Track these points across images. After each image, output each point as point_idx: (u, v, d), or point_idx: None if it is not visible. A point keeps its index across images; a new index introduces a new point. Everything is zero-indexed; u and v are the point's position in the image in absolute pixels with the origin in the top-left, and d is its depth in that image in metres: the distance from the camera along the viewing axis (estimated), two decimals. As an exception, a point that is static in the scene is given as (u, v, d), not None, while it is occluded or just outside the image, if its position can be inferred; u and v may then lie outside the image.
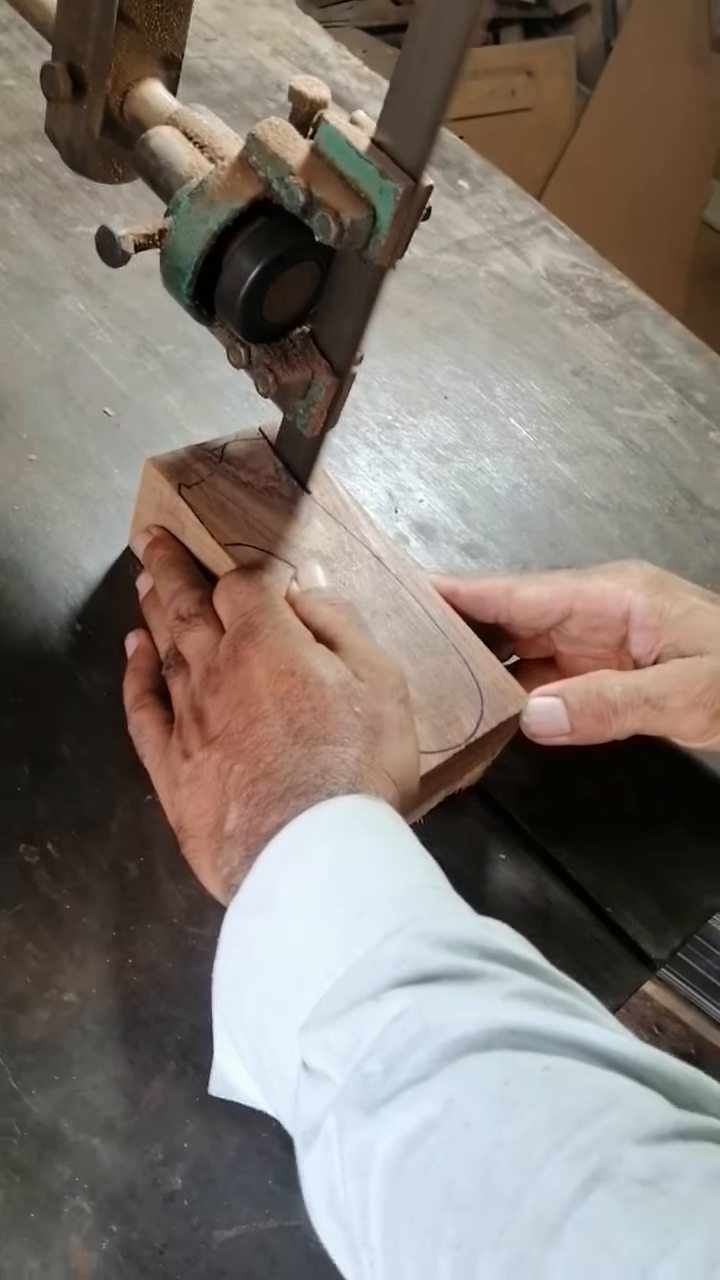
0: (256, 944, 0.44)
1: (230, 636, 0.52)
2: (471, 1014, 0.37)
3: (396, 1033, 0.37)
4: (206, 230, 0.50)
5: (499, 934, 0.42)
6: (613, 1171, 0.32)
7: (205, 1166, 0.47)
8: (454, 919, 0.42)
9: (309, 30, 1.13)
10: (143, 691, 0.57)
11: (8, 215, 0.80)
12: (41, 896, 0.52)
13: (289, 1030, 0.41)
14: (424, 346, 0.86)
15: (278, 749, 0.48)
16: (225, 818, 0.48)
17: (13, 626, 0.59)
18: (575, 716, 0.56)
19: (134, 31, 0.56)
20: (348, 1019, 0.39)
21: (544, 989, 0.39)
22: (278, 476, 0.61)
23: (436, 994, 0.38)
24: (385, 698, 0.51)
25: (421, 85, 0.45)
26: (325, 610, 0.54)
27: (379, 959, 0.40)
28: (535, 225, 1.01)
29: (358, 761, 0.48)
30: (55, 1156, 0.46)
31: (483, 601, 0.61)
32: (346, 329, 0.54)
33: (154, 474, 0.59)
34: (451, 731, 0.55)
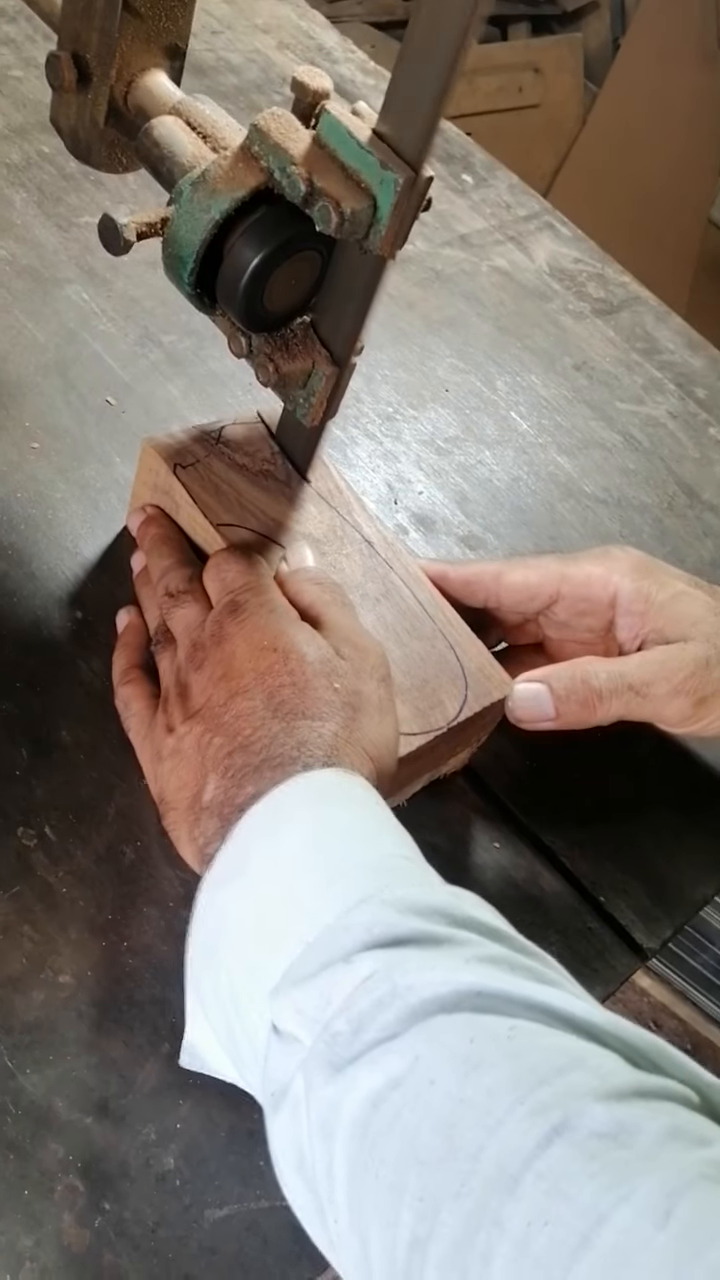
0: (229, 913, 0.44)
1: (216, 613, 0.53)
2: (438, 975, 0.38)
3: (365, 994, 0.38)
4: (208, 219, 0.51)
5: (467, 902, 0.43)
6: (573, 1125, 0.33)
7: (197, 1147, 0.48)
8: (424, 887, 0.43)
9: (315, 24, 1.14)
10: (130, 666, 0.58)
11: (13, 205, 0.80)
12: (39, 879, 0.52)
13: (260, 995, 0.42)
14: (426, 339, 0.86)
15: (256, 722, 0.48)
16: (204, 789, 0.49)
17: (13, 612, 0.60)
18: (560, 702, 0.56)
19: (138, 21, 0.57)
20: (317, 981, 0.39)
21: (510, 955, 0.40)
22: (273, 460, 0.62)
23: (405, 957, 0.39)
24: (365, 676, 0.52)
25: (422, 77, 0.46)
26: (311, 589, 0.55)
27: (350, 924, 0.40)
28: (538, 220, 1.01)
29: (335, 736, 0.48)
30: (49, 1135, 0.46)
31: (471, 586, 0.61)
32: (347, 319, 0.55)
33: (151, 454, 0.60)
34: (434, 714, 0.55)
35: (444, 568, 0.62)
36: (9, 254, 0.77)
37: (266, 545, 0.58)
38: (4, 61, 0.91)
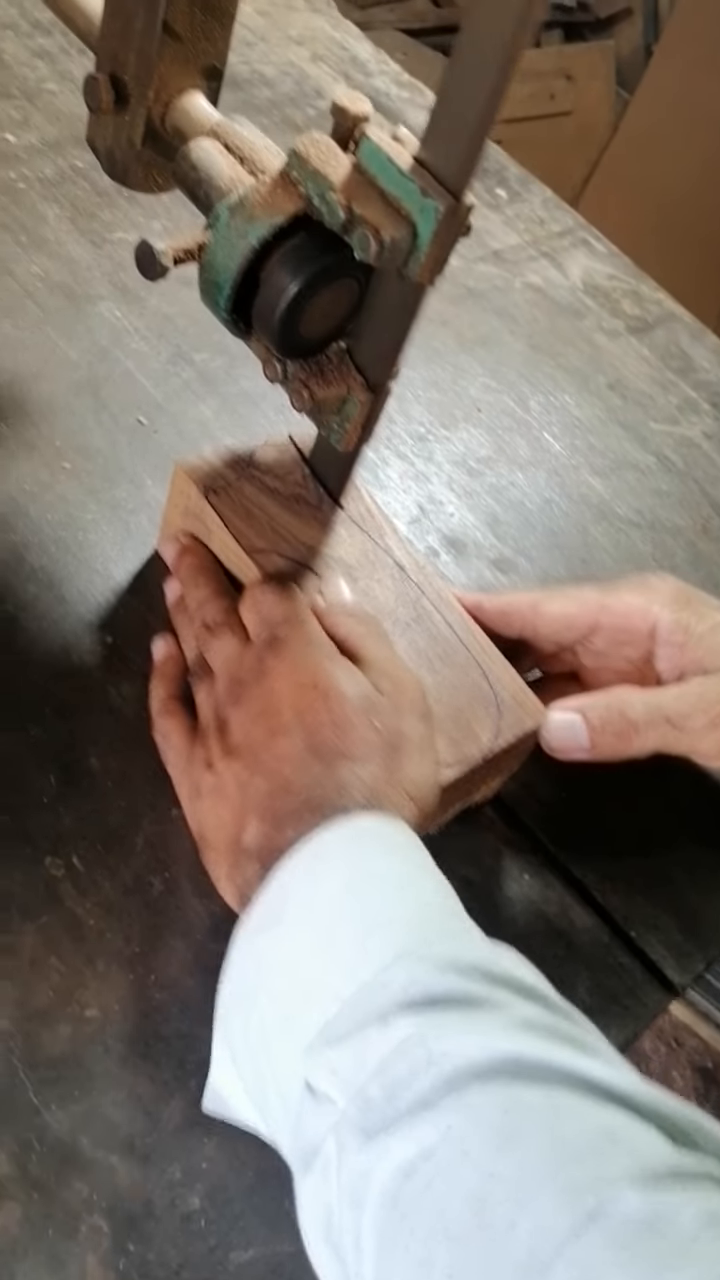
0: (265, 960, 0.44)
1: (256, 648, 0.53)
2: (475, 1040, 0.37)
3: (400, 1058, 0.37)
4: (246, 245, 0.50)
5: (506, 958, 0.42)
6: (608, 1212, 0.32)
7: (223, 1188, 0.47)
8: (462, 941, 0.42)
9: (350, 35, 1.13)
10: (168, 697, 0.57)
11: (46, 221, 0.80)
12: (66, 910, 0.52)
13: (294, 1050, 0.41)
14: (459, 358, 0.85)
15: (297, 763, 0.48)
16: (244, 831, 0.48)
17: (43, 637, 0.59)
18: (595, 733, 0.56)
19: (177, 43, 0.56)
20: (353, 1042, 0.39)
21: (548, 1018, 0.39)
22: (305, 484, 0.61)
23: (441, 1020, 0.38)
24: (405, 713, 0.51)
25: (465, 103, 0.45)
26: (348, 623, 0.55)
27: (386, 981, 0.40)
28: (573, 236, 1.00)
29: (374, 778, 0.48)
30: (74, 1173, 0.46)
31: (508, 616, 0.61)
32: (383, 345, 0.54)
33: (182, 478, 0.59)
34: (468, 745, 0.54)
35: (479, 598, 0.61)
36: (41, 270, 0.77)
37: (301, 572, 0.58)
38: (39, 75, 0.91)
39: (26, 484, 0.65)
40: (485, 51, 0.43)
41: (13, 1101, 0.46)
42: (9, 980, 0.49)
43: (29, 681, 0.57)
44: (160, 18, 0.54)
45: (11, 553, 0.62)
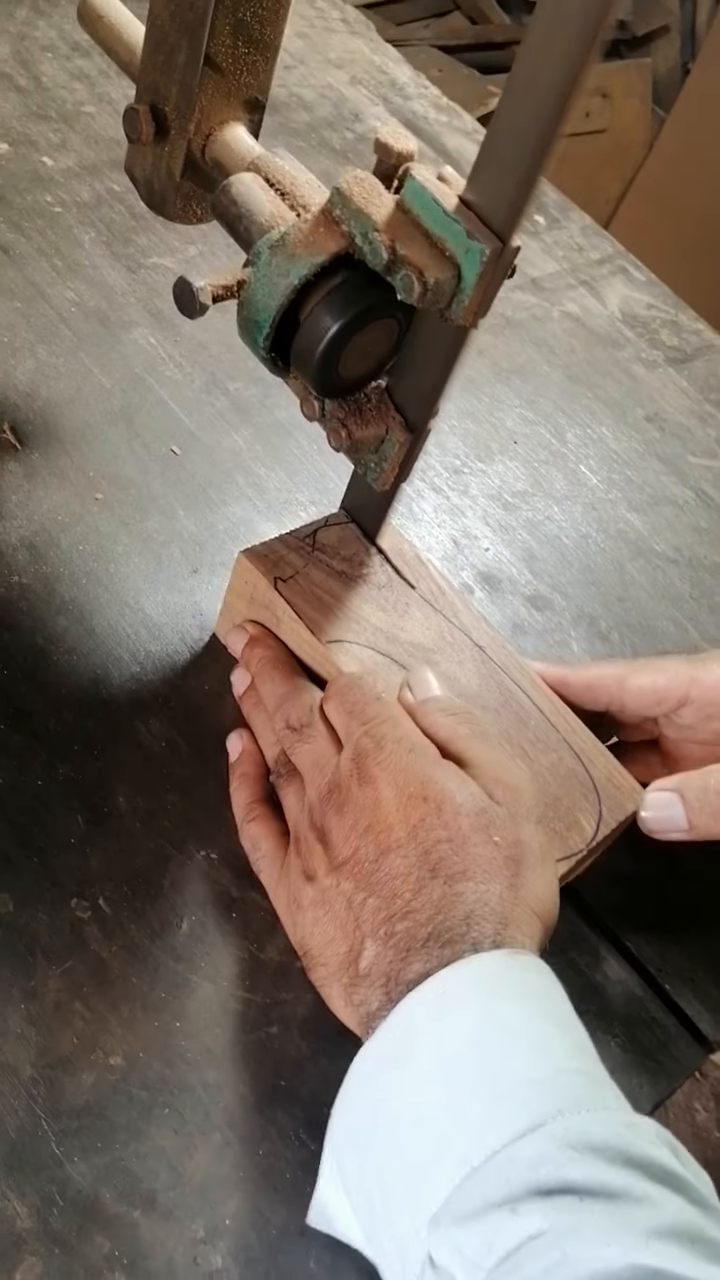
0: (386, 1104, 0.42)
1: (352, 751, 0.50)
2: (613, 1251, 0.35)
3: (531, 1257, 0.36)
4: (286, 284, 0.50)
5: (646, 1136, 0.40)
6: None
7: (247, 1246, 0.46)
8: (599, 1115, 0.40)
9: (389, 59, 1.13)
10: (254, 801, 0.55)
11: (82, 245, 0.80)
12: (92, 954, 0.51)
13: (417, 1211, 0.40)
14: (495, 388, 0.84)
15: (415, 885, 0.46)
16: (361, 954, 0.47)
17: (73, 671, 0.59)
18: (693, 814, 0.54)
19: (219, 76, 0.56)
20: (480, 1225, 0.37)
21: (693, 1223, 0.37)
22: (370, 563, 0.60)
23: (577, 1219, 0.36)
24: (522, 821, 0.49)
25: (516, 145, 0.44)
26: (447, 722, 0.52)
27: (516, 1156, 0.38)
28: (611, 264, 0.99)
29: (500, 900, 0.46)
30: (95, 1229, 0.45)
31: (594, 690, 0.59)
32: (424, 386, 0.53)
33: (247, 567, 0.58)
34: (572, 836, 0.53)
35: (564, 672, 0.59)
36: (77, 295, 0.77)
37: (382, 663, 0.56)
38: (77, 97, 0.91)
39: (59, 514, 0.64)
40: (539, 92, 0.42)
41: (35, 1153, 0.46)
42: (33, 1026, 0.48)
43: (58, 717, 0.57)
44: (203, 51, 0.54)
45: (43, 584, 0.61)
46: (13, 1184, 0.45)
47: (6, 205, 0.80)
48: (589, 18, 0.40)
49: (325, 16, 1.14)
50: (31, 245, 0.78)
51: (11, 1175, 0.45)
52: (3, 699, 0.56)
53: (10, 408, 0.68)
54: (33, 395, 0.70)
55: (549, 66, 0.41)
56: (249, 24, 0.54)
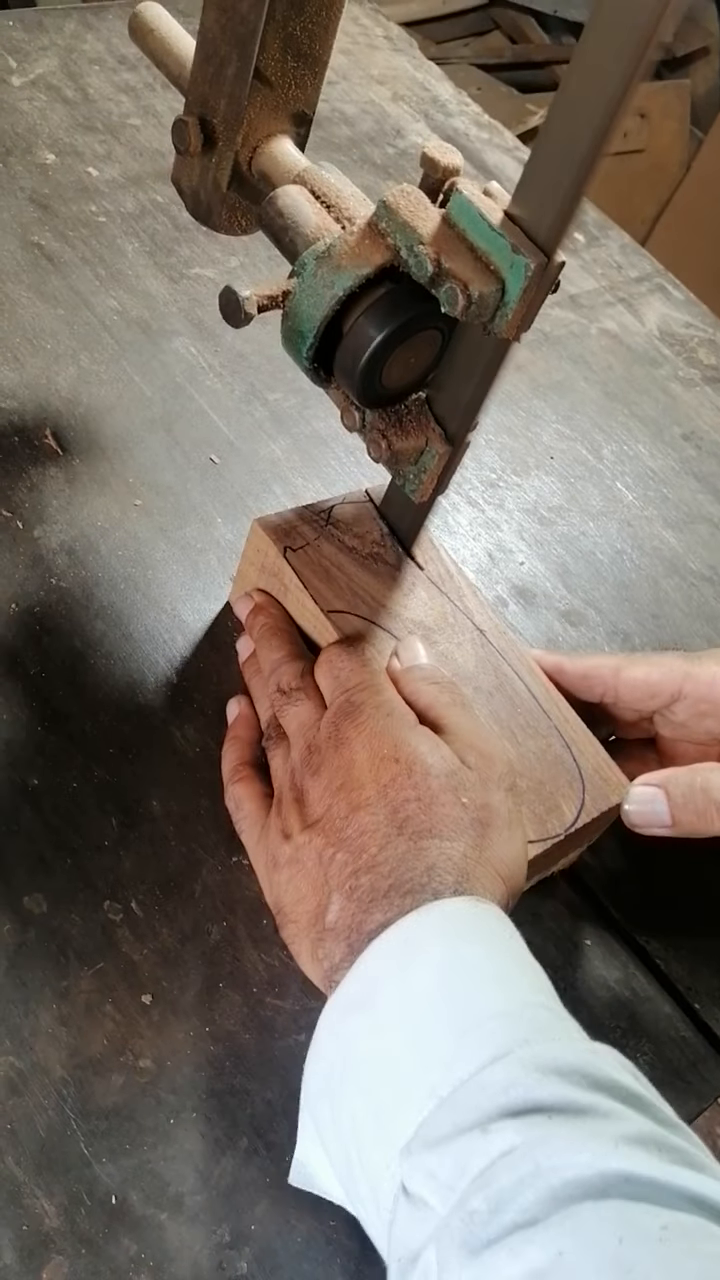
0: (356, 1048, 0.43)
1: (332, 715, 0.51)
2: (584, 1157, 0.35)
3: (505, 1170, 0.36)
4: (331, 295, 0.50)
5: (607, 1062, 0.40)
6: None
7: (272, 1252, 0.46)
8: (563, 1042, 0.41)
9: (430, 75, 1.13)
10: (241, 763, 0.56)
11: (125, 255, 0.81)
12: (123, 956, 0.51)
13: (388, 1147, 0.40)
14: (532, 403, 0.84)
15: (381, 840, 0.47)
16: (327, 908, 0.47)
17: (109, 675, 0.59)
18: (677, 810, 0.54)
19: (268, 89, 0.56)
20: (452, 1147, 0.37)
21: (658, 1133, 0.37)
22: (383, 542, 0.61)
23: (547, 1130, 0.36)
24: (493, 787, 0.50)
25: (562, 161, 0.44)
26: (428, 690, 0.53)
27: (486, 1083, 0.38)
28: (650, 282, 0.99)
29: (464, 858, 0.46)
30: (122, 1230, 0.45)
31: (589, 680, 0.59)
32: (464, 398, 0.53)
33: (260, 535, 0.59)
34: (552, 820, 0.53)
35: (560, 659, 0.60)
36: (119, 304, 0.77)
37: (378, 635, 0.57)
38: (123, 110, 0.92)
39: (99, 520, 0.65)
40: (586, 110, 0.42)
41: (64, 1152, 0.46)
42: (64, 1026, 0.49)
43: (94, 720, 0.57)
44: (253, 64, 0.54)
45: (81, 589, 0.62)
46: (42, 1183, 0.45)
47: (52, 215, 0.81)
48: (638, 38, 0.40)
49: (369, 33, 1.15)
50: (76, 254, 0.79)
51: (41, 1174, 0.45)
52: (41, 701, 0.57)
53: (53, 414, 0.69)
54: (75, 402, 0.70)
55: (597, 85, 0.42)
56: (299, 39, 0.55)
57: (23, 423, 0.68)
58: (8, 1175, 0.45)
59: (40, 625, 0.60)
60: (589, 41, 0.42)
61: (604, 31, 0.41)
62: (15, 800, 0.54)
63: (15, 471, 0.65)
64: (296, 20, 0.54)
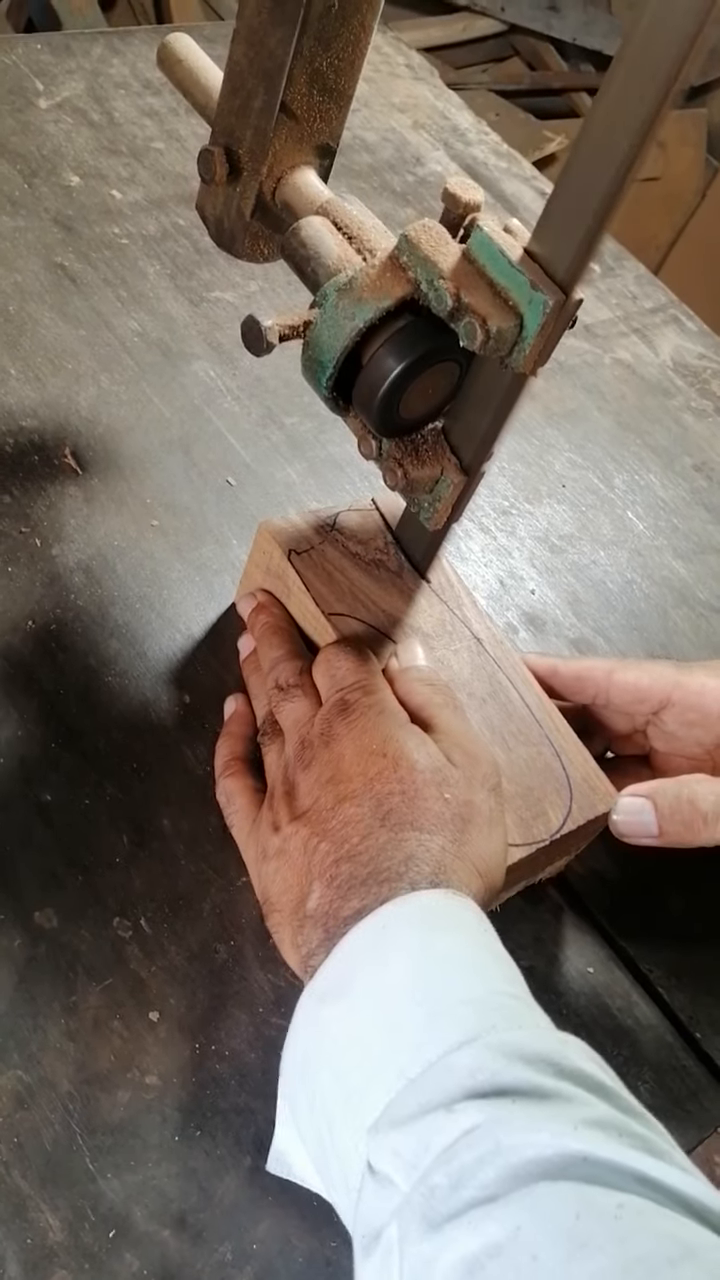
0: (329, 1033, 0.43)
1: (325, 711, 0.53)
2: (544, 1137, 0.36)
3: (466, 1148, 0.37)
4: (352, 326, 0.51)
5: (575, 1051, 0.41)
6: None
7: (273, 1272, 0.47)
8: (531, 1031, 0.42)
9: (450, 104, 1.15)
10: (233, 758, 0.57)
11: (146, 277, 0.82)
12: (131, 973, 0.52)
13: (357, 1126, 0.41)
14: (545, 432, 0.85)
15: (364, 830, 0.48)
16: (308, 895, 0.48)
17: (124, 693, 0.60)
18: (664, 820, 0.55)
19: (293, 122, 0.57)
20: (418, 1126, 0.38)
21: (620, 1119, 0.38)
22: (386, 550, 0.62)
23: (510, 1112, 0.37)
24: (477, 786, 0.51)
25: (582, 201, 0.45)
26: (422, 690, 0.55)
27: (453, 1065, 0.39)
28: (664, 313, 1.00)
29: (443, 851, 0.47)
30: (125, 1245, 0.45)
31: (582, 681, 0.61)
32: (480, 429, 0.54)
33: (266, 537, 0.60)
34: (537, 825, 0.54)
35: (554, 662, 0.61)
36: (140, 326, 0.78)
37: (376, 638, 0.58)
38: (147, 133, 0.93)
39: (115, 539, 0.66)
40: (607, 152, 0.43)
41: (69, 1167, 0.46)
42: (72, 1041, 0.49)
43: (108, 738, 0.58)
44: (279, 97, 0.55)
45: (97, 607, 0.62)
46: (47, 1197, 0.46)
47: (75, 236, 0.82)
48: (662, 84, 0.41)
49: (390, 62, 1.16)
50: (98, 275, 0.80)
51: (46, 1188, 0.46)
52: (55, 718, 0.58)
53: (72, 433, 0.70)
54: (94, 421, 0.71)
55: (619, 129, 0.42)
56: (325, 73, 0.56)
57: (43, 441, 0.69)
58: (13, 1189, 0.45)
59: (56, 642, 0.60)
60: (613, 85, 0.42)
61: (628, 77, 0.42)
62: (28, 816, 0.55)
63: (34, 489, 0.66)
64: (323, 56, 0.55)
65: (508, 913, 0.59)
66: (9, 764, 0.56)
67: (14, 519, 0.65)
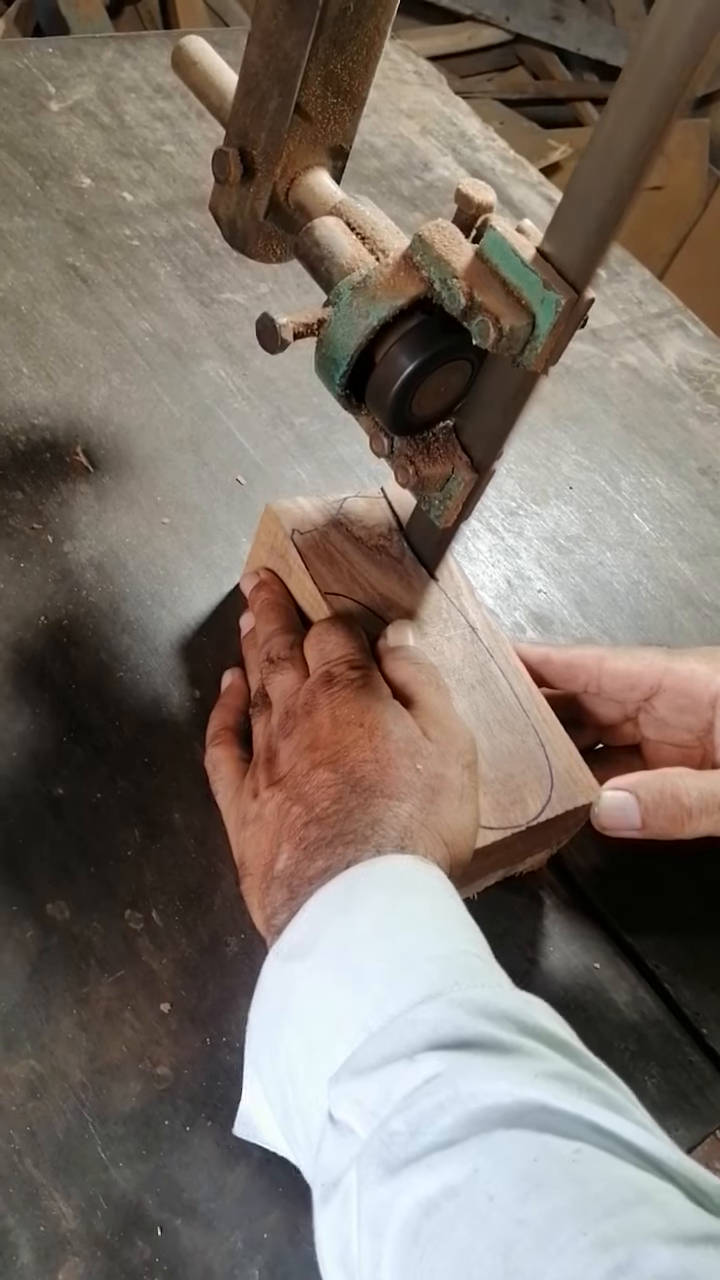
0: (294, 989, 0.44)
1: (310, 683, 0.54)
2: (503, 1085, 0.37)
3: (426, 1095, 0.37)
4: (366, 325, 0.51)
5: (538, 1010, 0.42)
6: (638, 1265, 0.32)
7: (283, 1261, 0.47)
8: (495, 989, 0.42)
9: (458, 110, 1.15)
10: (223, 728, 0.58)
11: (158, 279, 0.82)
12: (143, 965, 0.52)
13: (318, 1078, 0.41)
14: (552, 434, 0.86)
15: (335, 795, 0.49)
16: (277, 858, 0.49)
17: (135, 689, 0.60)
18: (647, 814, 0.55)
19: (307, 123, 0.58)
20: (379, 1075, 0.39)
21: (579, 1074, 0.38)
22: (389, 536, 0.63)
23: (470, 1062, 0.38)
24: (451, 761, 0.52)
25: (595, 201, 0.46)
26: (407, 669, 0.55)
27: (416, 1019, 0.40)
28: (670, 318, 1.01)
29: (410, 818, 0.48)
30: (137, 1234, 0.46)
31: (574, 669, 0.61)
32: (491, 428, 0.55)
33: (271, 517, 0.61)
34: (514, 811, 0.55)
35: (547, 650, 0.62)
36: (151, 327, 0.79)
37: (370, 619, 0.59)
38: (158, 137, 0.94)
39: (127, 537, 0.66)
40: (620, 153, 0.44)
41: (82, 1156, 0.47)
42: (84, 1032, 0.50)
43: (119, 733, 0.58)
44: (294, 99, 0.56)
45: (109, 603, 0.63)
46: (60, 1185, 0.46)
47: (87, 237, 0.82)
48: (673, 87, 0.41)
49: (399, 68, 1.17)
50: (110, 276, 0.81)
51: (59, 1177, 0.46)
52: (67, 712, 0.58)
53: (84, 431, 0.70)
54: (106, 420, 0.72)
55: (632, 129, 0.43)
56: (339, 76, 0.57)
57: (55, 439, 0.69)
58: (27, 1177, 0.46)
59: (68, 638, 0.61)
60: (625, 87, 0.43)
61: (640, 78, 0.42)
62: (41, 809, 0.55)
63: (47, 487, 0.67)
64: (338, 58, 0.56)
65: (513, 908, 0.59)
66: (22, 758, 0.56)
67: (26, 515, 0.65)
